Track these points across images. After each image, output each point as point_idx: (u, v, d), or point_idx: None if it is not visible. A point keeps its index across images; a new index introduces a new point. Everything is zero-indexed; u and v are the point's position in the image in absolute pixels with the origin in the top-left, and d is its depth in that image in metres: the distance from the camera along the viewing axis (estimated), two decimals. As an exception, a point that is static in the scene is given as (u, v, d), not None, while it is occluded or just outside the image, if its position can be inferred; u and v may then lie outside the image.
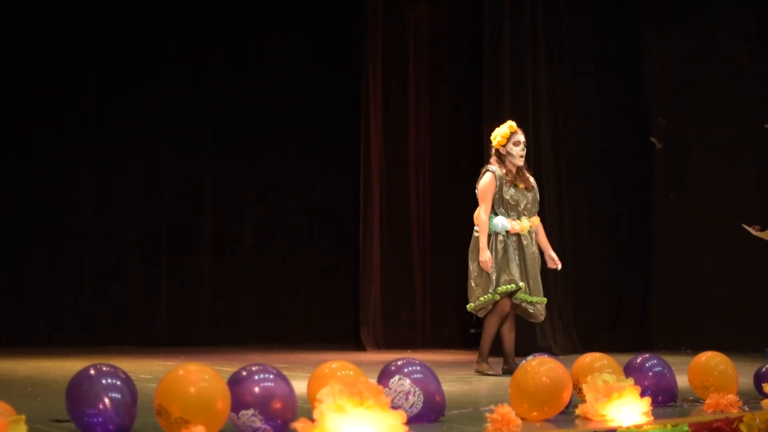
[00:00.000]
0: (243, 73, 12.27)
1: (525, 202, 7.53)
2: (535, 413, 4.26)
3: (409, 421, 3.57)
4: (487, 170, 7.54)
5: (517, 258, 7.41)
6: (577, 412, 4.36)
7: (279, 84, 12.39)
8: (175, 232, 11.96)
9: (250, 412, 3.67)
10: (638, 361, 5.10)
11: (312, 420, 3.29)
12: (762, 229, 10.08)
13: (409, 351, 10.95)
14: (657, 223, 11.81)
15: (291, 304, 12.51)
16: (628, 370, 4.97)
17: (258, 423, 3.66)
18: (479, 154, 10.83)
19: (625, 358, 5.35)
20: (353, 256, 12.03)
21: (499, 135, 7.59)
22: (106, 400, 3.68)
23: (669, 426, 4.14)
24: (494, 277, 7.37)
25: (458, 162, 11.97)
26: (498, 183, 7.46)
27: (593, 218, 11.37)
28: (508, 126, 7.61)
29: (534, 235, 7.57)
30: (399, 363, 4.29)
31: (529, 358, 4.63)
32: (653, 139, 11.74)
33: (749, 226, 10.17)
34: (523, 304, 7.45)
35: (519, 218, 7.48)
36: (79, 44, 11.43)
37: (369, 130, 11.65)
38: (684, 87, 11.67)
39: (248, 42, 12.24)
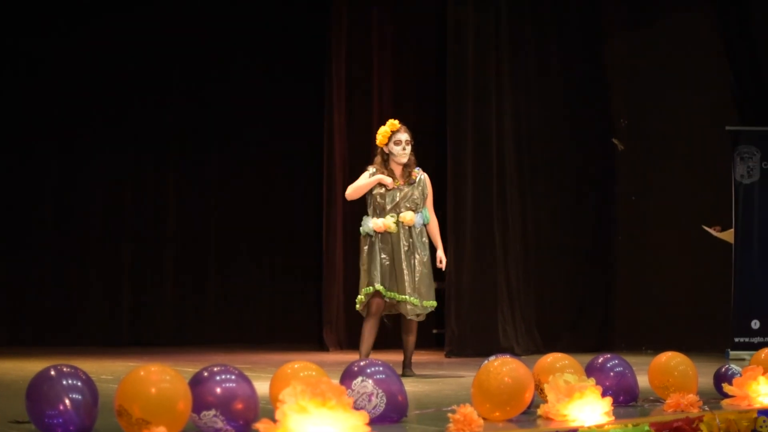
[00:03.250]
0: (207, 73, 12.22)
1: (398, 200, 7.37)
2: (497, 413, 4.27)
3: (372, 422, 3.57)
4: (366, 169, 7.55)
5: (382, 258, 7.30)
6: (539, 412, 4.37)
7: (242, 86, 12.35)
8: (138, 232, 11.92)
9: (212, 412, 3.66)
10: (600, 361, 5.12)
11: (274, 420, 3.28)
12: (722, 230, 10.20)
13: (371, 351, 10.94)
14: (619, 223, 11.88)
15: (254, 304, 12.48)
16: (590, 370, 4.99)
17: (220, 423, 3.65)
18: (443, 155, 10.87)
19: (587, 358, 5.38)
20: (316, 257, 12.01)
21: (380, 134, 7.48)
22: (67, 401, 3.66)
23: (630, 426, 4.16)
24: (363, 278, 7.37)
25: (422, 161, 11.93)
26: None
27: (555, 219, 11.41)
28: (389, 124, 7.46)
29: (415, 230, 7.38)
30: (362, 363, 4.29)
31: (491, 358, 4.64)
32: (615, 140, 11.81)
33: (709, 227, 10.29)
34: (395, 302, 7.32)
35: (385, 216, 7.36)
36: (43, 56, 11.43)
37: (332, 131, 11.63)
38: (646, 89, 11.74)
39: (212, 43, 12.17)
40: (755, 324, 9.96)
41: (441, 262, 7.55)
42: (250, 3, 12.20)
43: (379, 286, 7.23)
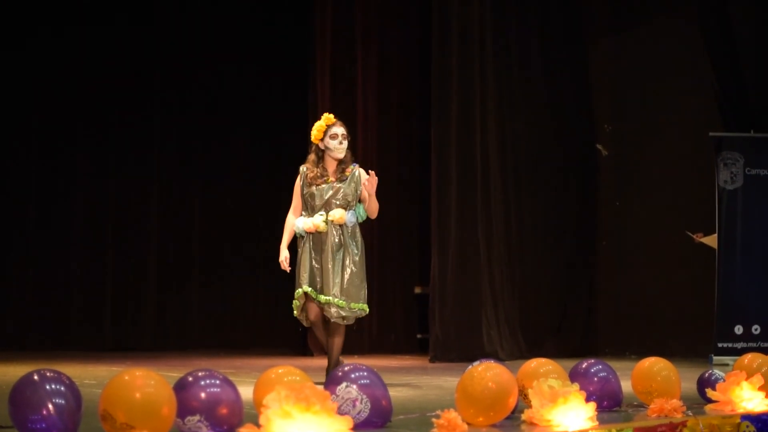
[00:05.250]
0: (189, 77, 12.21)
1: (327, 197, 7.03)
2: (481, 418, 4.27)
3: (356, 427, 3.57)
4: (299, 170, 7.25)
5: (312, 258, 7.03)
6: (523, 417, 4.37)
7: (225, 89, 12.35)
8: (120, 237, 11.88)
9: (196, 417, 3.66)
10: (583, 366, 5.13)
11: (258, 426, 3.28)
12: (704, 236, 10.24)
13: (356, 356, 10.94)
14: (603, 229, 11.91)
15: (237, 309, 12.46)
16: (574, 376, 5.00)
17: (204, 429, 3.65)
18: (426, 158, 10.87)
19: (571, 363, 5.37)
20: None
21: (314, 129, 7.10)
22: (50, 406, 3.64)
23: (614, 431, 4.17)
24: (296, 281, 7.10)
25: (406, 166, 11.99)
26: (302, 182, 7.17)
27: (539, 223, 11.43)
28: (324, 118, 7.11)
29: (347, 229, 7.02)
30: (346, 369, 4.28)
31: (476, 363, 4.64)
32: (599, 146, 11.84)
33: (692, 232, 10.32)
34: (323, 306, 6.97)
35: (314, 215, 7.05)
36: (23, 63, 11.42)
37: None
38: (630, 95, 11.79)
39: (195, 47, 12.17)
40: (738, 329, 9.98)
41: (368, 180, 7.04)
42: (233, 5, 12.21)
43: (307, 288, 6.96)
